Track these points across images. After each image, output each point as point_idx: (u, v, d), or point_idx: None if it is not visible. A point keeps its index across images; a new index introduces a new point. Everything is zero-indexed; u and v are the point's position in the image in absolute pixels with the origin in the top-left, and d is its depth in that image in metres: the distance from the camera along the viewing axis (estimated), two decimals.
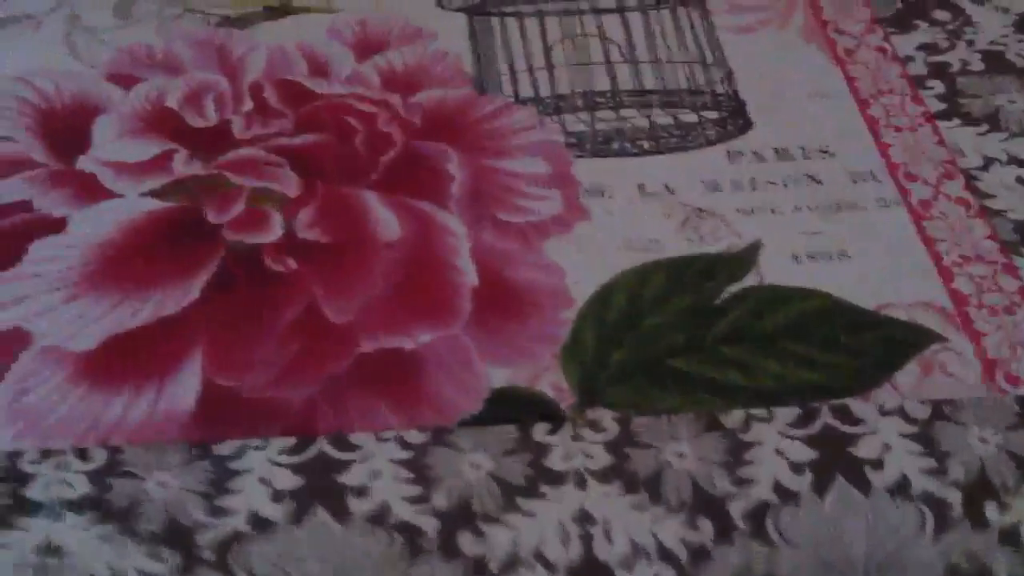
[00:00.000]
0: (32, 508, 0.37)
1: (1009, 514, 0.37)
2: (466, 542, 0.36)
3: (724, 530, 0.37)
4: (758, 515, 0.37)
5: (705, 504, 0.37)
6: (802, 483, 0.38)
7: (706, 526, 0.37)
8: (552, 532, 0.37)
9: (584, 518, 0.37)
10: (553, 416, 0.40)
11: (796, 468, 0.38)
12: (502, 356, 0.42)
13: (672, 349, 0.42)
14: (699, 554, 0.36)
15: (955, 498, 0.38)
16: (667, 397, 0.41)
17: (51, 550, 0.36)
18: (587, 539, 0.37)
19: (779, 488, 0.38)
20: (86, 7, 0.59)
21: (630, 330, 0.43)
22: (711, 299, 0.44)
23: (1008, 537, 0.37)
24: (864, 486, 0.38)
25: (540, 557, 0.36)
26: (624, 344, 0.42)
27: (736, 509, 0.37)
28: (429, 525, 0.37)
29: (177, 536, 0.36)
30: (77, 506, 0.37)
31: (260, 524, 0.37)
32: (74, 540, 0.36)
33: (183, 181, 0.48)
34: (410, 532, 0.37)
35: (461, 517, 0.37)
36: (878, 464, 0.39)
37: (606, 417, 0.40)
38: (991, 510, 0.37)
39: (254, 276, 0.45)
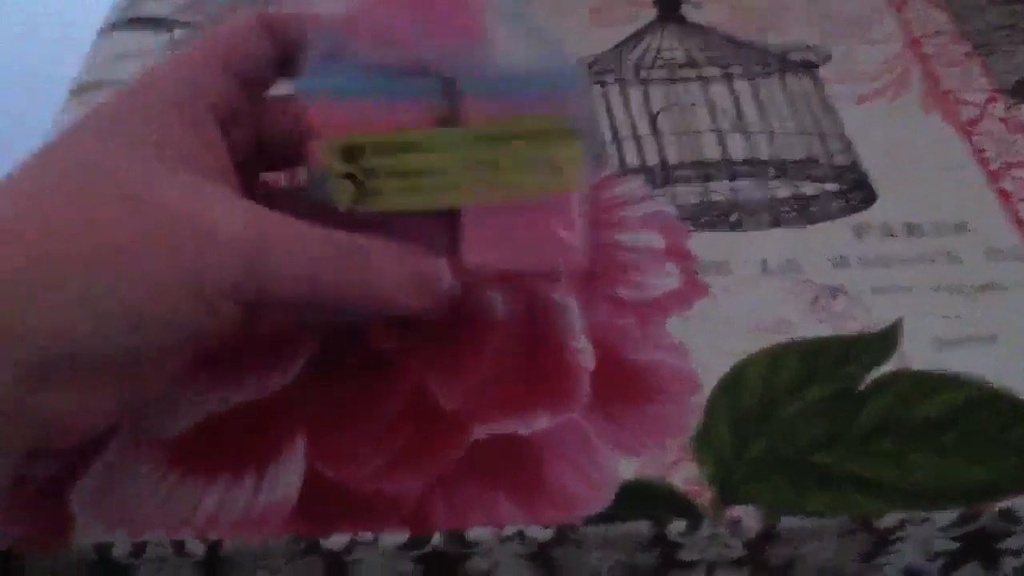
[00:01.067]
0: None
1: None
2: None
3: None
4: None
5: None
6: (932, 567, 0.36)
7: None
8: None
9: None
10: (689, 513, 0.37)
11: (932, 557, 0.36)
12: (627, 444, 0.39)
13: (815, 442, 0.39)
14: None
15: None
16: (814, 496, 0.37)
17: None
18: None
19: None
20: None
21: (766, 420, 0.39)
22: (852, 386, 0.40)
23: None
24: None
25: None
26: (761, 435, 0.39)
27: None
28: None
29: None
30: None
31: None
32: None
33: None
34: None
35: None
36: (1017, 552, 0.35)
37: (748, 516, 0.37)
38: None
39: (357, 355, 0.42)
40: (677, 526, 0.36)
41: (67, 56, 0.59)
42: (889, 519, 0.36)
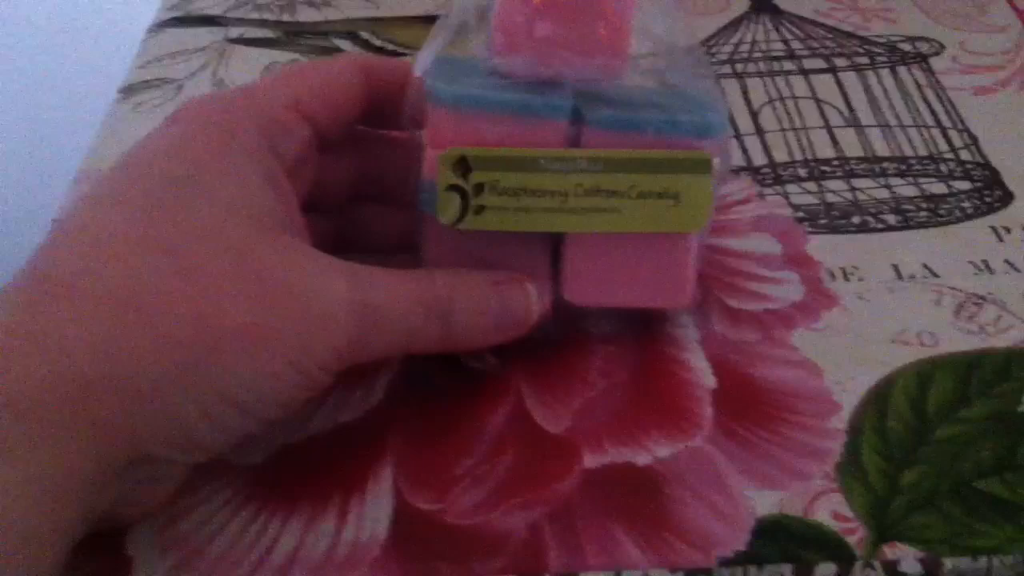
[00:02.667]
0: None
1: None
2: None
3: None
4: None
5: None
6: None
7: None
8: None
9: None
10: (840, 554, 0.32)
11: None
12: (762, 475, 0.34)
13: (979, 469, 0.33)
14: None
15: None
16: (986, 531, 0.32)
17: None
18: None
19: None
20: (232, 70, 0.53)
21: (920, 445, 0.34)
22: (1012, 405, 0.35)
23: None
24: None
25: None
26: (916, 462, 0.34)
27: None
28: None
29: None
30: None
31: None
32: None
33: None
34: None
35: None
36: None
37: (908, 557, 0.31)
38: None
39: (447, 373, 0.37)
40: (825, 569, 0.31)
41: (113, 55, 0.55)
42: None
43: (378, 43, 0.55)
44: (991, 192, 0.44)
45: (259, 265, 0.30)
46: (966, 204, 0.43)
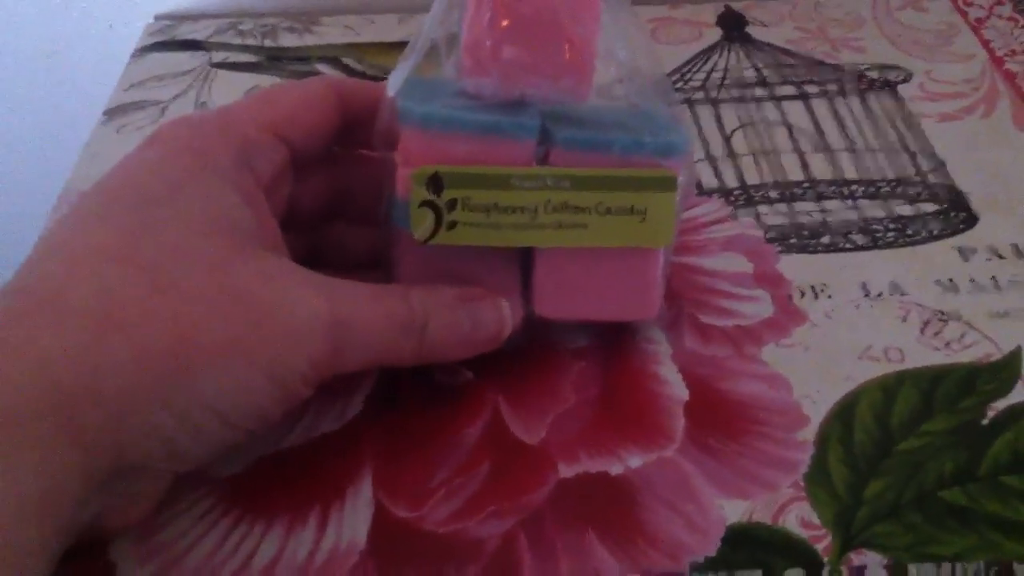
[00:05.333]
0: None
1: None
2: None
3: None
4: None
5: None
6: None
7: None
8: None
9: None
10: (807, 561, 0.32)
11: None
12: (732, 485, 0.35)
13: (941, 479, 0.34)
14: None
15: None
16: (948, 539, 0.33)
17: None
18: None
19: None
20: (215, 94, 0.54)
21: (885, 456, 0.35)
22: (976, 419, 0.36)
23: None
24: None
25: None
26: (881, 473, 0.35)
27: None
28: None
29: None
30: None
31: None
32: None
33: None
34: None
35: None
36: None
37: (873, 564, 0.32)
38: None
39: (425, 384, 0.38)
40: (794, 574, 0.32)
41: (97, 79, 0.55)
42: None
43: (359, 68, 0.56)
44: (957, 214, 0.45)
45: (236, 281, 0.31)
46: (933, 225, 0.45)
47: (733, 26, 0.58)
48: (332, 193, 0.39)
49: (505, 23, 0.33)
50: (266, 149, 0.35)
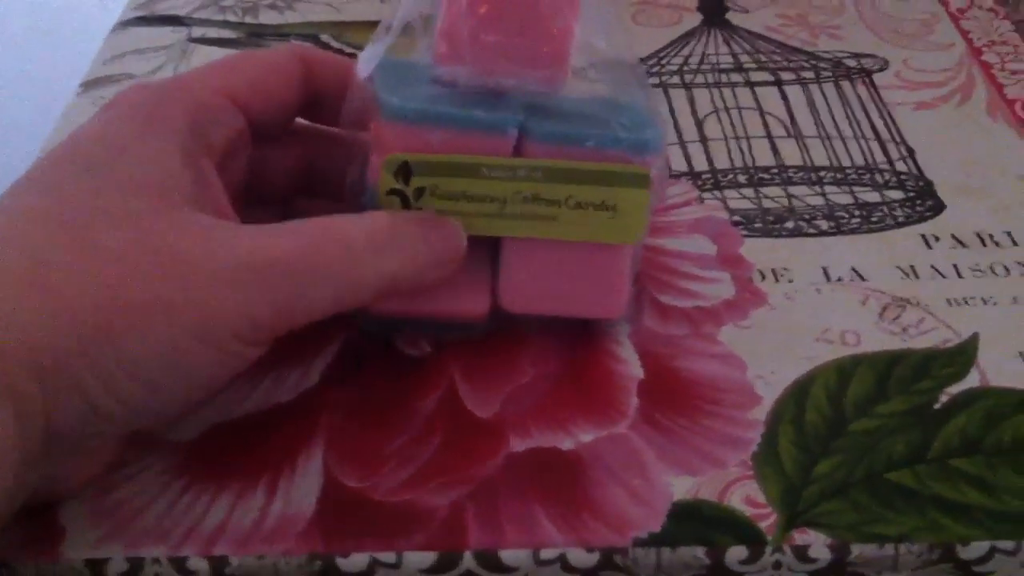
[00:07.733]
0: None
1: None
2: None
3: None
4: None
5: None
6: None
7: None
8: None
9: None
10: (751, 538, 0.33)
11: None
12: (681, 462, 0.35)
13: (891, 461, 0.35)
14: None
15: None
16: (894, 519, 0.33)
17: None
18: None
19: None
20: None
21: (836, 436, 0.35)
22: (929, 402, 0.36)
23: None
24: None
25: None
26: (831, 453, 0.35)
27: None
28: None
29: None
30: None
31: None
32: None
33: None
34: None
35: None
36: None
37: (817, 542, 0.32)
38: None
39: (381, 357, 0.38)
40: (736, 552, 0.32)
41: (74, 54, 0.56)
42: (977, 548, 0.32)
43: (337, 46, 0.56)
44: (923, 202, 0.45)
45: (159, 240, 0.30)
46: (898, 212, 0.45)
47: (714, 11, 0.58)
48: (302, 168, 0.39)
49: (483, 10, 0.33)
50: (222, 114, 0.34)
